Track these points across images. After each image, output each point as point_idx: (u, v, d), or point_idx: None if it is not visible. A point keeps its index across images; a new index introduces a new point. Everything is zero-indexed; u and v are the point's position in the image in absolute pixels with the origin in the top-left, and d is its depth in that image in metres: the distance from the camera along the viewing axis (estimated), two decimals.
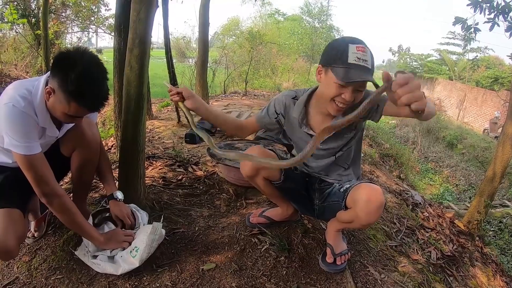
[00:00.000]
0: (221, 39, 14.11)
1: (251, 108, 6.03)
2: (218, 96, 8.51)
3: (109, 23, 12.82)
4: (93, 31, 14.27)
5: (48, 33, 6.89)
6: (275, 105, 1.81)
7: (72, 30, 14.15)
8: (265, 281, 1.72)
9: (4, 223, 1.48)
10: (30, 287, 1.67)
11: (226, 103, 6.82)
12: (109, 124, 4.78)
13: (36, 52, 11.80)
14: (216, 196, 2.54)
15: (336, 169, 1.83)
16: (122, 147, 2.07)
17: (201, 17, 5.92)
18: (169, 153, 3.27)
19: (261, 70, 13.28)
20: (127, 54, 1.93)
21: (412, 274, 1.96)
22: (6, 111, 1.43)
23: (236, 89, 10.14)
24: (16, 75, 10.68)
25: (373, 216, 1.54)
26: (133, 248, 1.73)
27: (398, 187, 3.73)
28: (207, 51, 6.42)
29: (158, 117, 4.86)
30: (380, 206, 1.52)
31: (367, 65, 1.44)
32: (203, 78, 6.18)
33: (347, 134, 1.71)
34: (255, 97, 8.42)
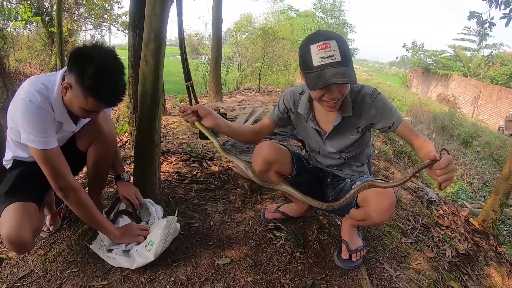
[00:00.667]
0: (234, 35, 14.08)
1: (264, 104, 6.00)
2: (232, 92, 8.51)
3: (122, 21, 12.89)
4: (106, 29, 14.37)
5: (62, 30, 6.95)
6: (284, 101, 1.80)
7: (85, 28, 14.27)
8: (280, 277, 1.72)
9: (19, 216, 1.49)
10: (45, 280, 1.69)
11: (240, 99, 6.80)
12: (123, 120, 4.82)
13: (50, 50, 11.94)
14: (231, 191, 2.54)
15: (349, 166, 1.83)
16: (137, 142, 2.08)
17: (214, 14, 5.93)
18: (183, 149, 3.27)
19: (274, 66, 13.20)
20: (143, 49, 1.94)
21: (427, 272, 1.94)
22: (23, 106, 1.44)
23: (249, 86, 10.13)
24: (30, 73, 10.84)
25: (385, 215, 1.53)
26: (148, 242, 1.74)
27: (413, 184, 3.68)
28: (221, 47, 6.43)
29: (172, 113, 4.87)
30: (391, 205, 1.50)
31: (333, 59, 1.37)
32: (216, 74, 6.19)
33: (352, 136, 1.70)
34: (268, 93, 8.40)
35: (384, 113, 1.59)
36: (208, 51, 10.29)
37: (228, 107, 5.59)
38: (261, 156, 1.72)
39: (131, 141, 3.02)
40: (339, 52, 1.37)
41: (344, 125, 1.65)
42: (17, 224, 1.46)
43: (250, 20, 14.54)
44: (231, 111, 5.16)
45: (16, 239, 1.45)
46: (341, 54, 1.38)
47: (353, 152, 1.77)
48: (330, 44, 1.37)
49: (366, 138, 1.76)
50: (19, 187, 1.62)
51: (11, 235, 1.44)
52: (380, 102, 1.58)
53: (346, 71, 1.38)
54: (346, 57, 1.39)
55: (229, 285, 1.66)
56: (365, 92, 1.60)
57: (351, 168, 1.83)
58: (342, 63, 1.38)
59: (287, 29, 16.62)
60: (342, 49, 1.39)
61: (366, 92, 1.60)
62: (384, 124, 1.60)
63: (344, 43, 1.41)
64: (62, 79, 1.54)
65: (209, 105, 6.05)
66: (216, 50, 6.20)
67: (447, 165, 1.15)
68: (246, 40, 13.39)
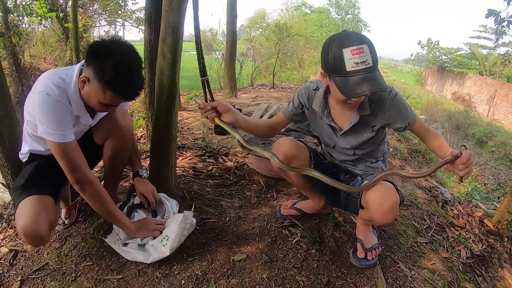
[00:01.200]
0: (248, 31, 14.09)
1: (279, 100, 6.00)
2: (246, 88, 8.51)
3: (136, 17, 13.00)
4: (120, 25, 14.49)
5: (78, 25, 7.03)
6: (299, 97, 1.79)
7: (99, 24, 14.41)
8: (296, 273, 1.72)
9: (36, 209, 1.50)
10: (60, 273, 1.70)
11: (254, 95, 6.81)
12: (137, 115, 4.85)
13: (64, 46, 12.09)
14: (247, 187, 2.54)
15: (363, 161, 1.82)
16: (154, 136, 2.08)
17: (229, 9, 5.94)
18: (198, 144, 3.28)
19: (288, 63, 13.19)
20: (160, 44, 1.94)
21: (442, 272, 1.92)
22: (40, 99, 1.45)
23: (263, 82, 10.10)
24: (45, 68, 10.97)
25: (388, 217, 1.52)
26: (164, 237, 1.75)
27: (428, 184, 3.64)
28: (235, 43, 6.45)
29: (187, 109, 4.89)
30: (392, 207, 1.48)
31: (367, 65, 1.35)
32: (231, 70, 6.22)
33: (367, 134, 1.68)
34: (282, 89, 8.38)
35: (401, 113, 1.58)
36: (222, 47, 10.31)
37: (242, 103, 5.59)
38: (281, 152, 1.71)
39: (146, 135, 3.04)
40: (371, 57, 1.35)
41: (360, 123, 1.64)
42: (34, 216, 1.47)
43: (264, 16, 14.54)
44: (245, 107, 5.17)
45: (32, 231, 1.45)
46: (373, 58, 1.36)
47: (368, 149, 1.75)
48: (364, 48, 1.34)
49: (381, 135, 1.74)
50: (36, 180, 1.63)
51: (27, 228, 1.45)
52: (397, 103, 1.56)
53: (378, 77, 1.37)
54: (376, 61, 1.37)
55: (244, 281, 1.66)
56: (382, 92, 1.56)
57: (365, 163, 1.81)
58: (374, 69, 1.36)
59: (301, 25, 16.57)
60: (373, 52, 1.37)
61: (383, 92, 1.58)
62: (401, 124, 1.60)
63: (373, 46, 1.38)
64: (80, 73, 1.55)
65: (224, 100, 6.07)
66: (230, 46, 6.22)
67: (468, 160, 1.27)
68: (260, 36, 13.38)
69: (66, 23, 11.15)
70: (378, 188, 1.50)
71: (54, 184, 1.71)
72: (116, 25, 14.58)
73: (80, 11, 11.58)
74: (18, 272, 1.73)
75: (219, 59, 10.17)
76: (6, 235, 2.03)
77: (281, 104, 5.33)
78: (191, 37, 3.98)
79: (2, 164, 1.87)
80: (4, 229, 2.10)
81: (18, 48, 10.39)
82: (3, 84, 1.77)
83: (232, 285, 1.63)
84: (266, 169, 2.58)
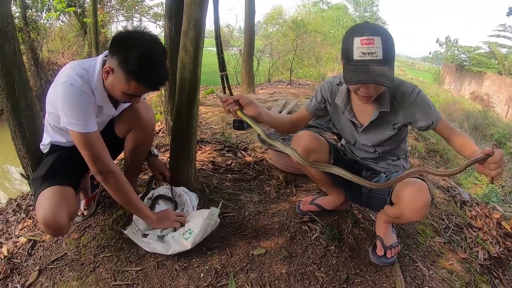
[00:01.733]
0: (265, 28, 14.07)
1: (297, 96, 5.97)
2: (263, 84, 8.50)
3: (153, 12, 13.09)
4: (137, 20, 14.60)
5: (97, 19, 7.11)
6: (322, 92, 1.79)
7: (117, 19, 14.55)
8: (315, 269, 1.72)
9: (56, 199, 1.51)
10: (78, 263, 1.72)
11: (272, 91, 6.80)
12: (155, 109, 4.90)
13: (82, 41, 12.25)
14: (266, 182, 2.54)
15: (384, 159, 1.81)
16: (174, 130, 2.09)
17: (247, 5, 5.95)
18: (217, 138, 3.29)
19: (305, 59, 13.11)
20: (182, 37, 1.94)
21: (459, 273, 1.89)
22: (64, 90, 1.45)
23: (280, 78, 10.08)
24: (63, 63, 11.10)
25: (418, 215, 1.50)
26: (187, 230, 1.75)
27: (446, 183, 3.60)
28: (253, 39, 6.47)
29: (204, 103, 4.92)
30: (424, 205, 1.47)
31: (375, 57, 1.34)
32: (249, 65, 6.24)
33: (388, 131, 1.67)
34: (300, 86, 8.33)
35: (423, 112, 1.55)
36: (240, 43, 10.31)
37: (260, 99, 5.59)
38: (301, 144, 1.71)
39: (165, 129, 3.06)
40: (381, 50, 1.34)
41: (380, 120, 1.63)
42: (54, 207, 1.48)
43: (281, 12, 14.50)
44: (263, 103, 5.17)
45: (52, 222, 1.46)
46: (384, 52, 1.34)
47: (389, 147, 1.74)
48: (375, 40, 1.33)
49: (403, 134, 1.72)
50: (57, 171, 1.64)
51: (47, 218, 1.46)
52: (420, 101, 1.54)
53: (385, 71, 1.35)
54: (389, 56, 1.36)
55: (263, 275, 1.66)
56: (405, 89, 1.56)
57: (386, 161, 1.80)
58: (383, 62, 1.35)
59: (319, 21, 16.45)
60: (386, 47, 1.35)
61: (406, 89, 1.56)
62: (423, 124, 1.57)
63: (390, 40, 1.36)
64: (103, 64, 1.55)
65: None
66: (248, 42, 6.24)
67: (500, 159, 1.20)
68: (277, 33, 13.34)
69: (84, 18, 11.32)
70: (412, 185, 1.49)
71: (75, 175, 1.73)
72: (133, 20, 14.70)
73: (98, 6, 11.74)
74: (36, 262, 1.76)
75: (236, 55, 10.19)
76: (24, 225, 2.08)
77: (299, 100, 5.32)
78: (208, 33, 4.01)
79: (22, 155, 1.89)
80: (22, 219, 2.15)
81: (36, 43, 10.56)
82: (24, 77, 1.79)
83: (251, 280, 1.63)
84: (285, 164, 2.58)
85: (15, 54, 1.72)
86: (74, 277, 1.65)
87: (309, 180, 2.46)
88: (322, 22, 17.06)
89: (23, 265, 1.76)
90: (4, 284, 1.65)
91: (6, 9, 1.66)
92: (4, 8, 1.64)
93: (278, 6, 15.01)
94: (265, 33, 13.61)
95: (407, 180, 1.50)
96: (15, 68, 1.73)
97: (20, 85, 1.76)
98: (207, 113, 4.39)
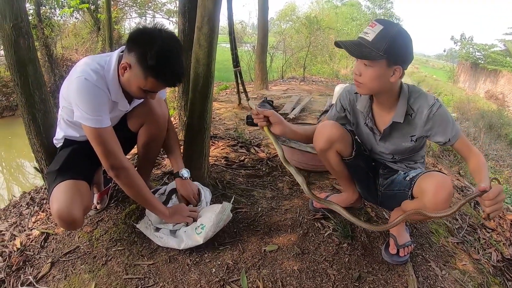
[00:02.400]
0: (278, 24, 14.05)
1: (310, 93, 5.96)
2: (276, 81, 8.51)
3: (167, 9, 13.15)
4: (151, 17, 14.69)
5: (111, 15, 7.16)
6: (341, 101, 1.81)
7: (130, 16, 14.65)
8: (327, 267, 1.71)
9: (70, 193, 1.52)
10: (91, 256, 1.74)
11: (285, 88, 6.81)
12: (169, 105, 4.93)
13: (96, 37, 12.38)
14: (279, 178, 2.54)
15: (401, 163, 1.80)
16: (188, 125, 2.10)
17: (260, 2, 5.96)
18: (230, 134, 3.30)
19: (318, 56, 13.05)
20: (196, 33, 1.95)
21: (472, 274, 1.87)
22: (78, 84, 1.45)
23: (293, 75, 10.07)
24: (77, 59, 11.24)
25: (440, 208, 1.46)
26: (199, 225, 1.76)
27: (460, 183, 3.56)
28: (267, 35, 6.49)
29: (218, 99, 4.94)
30: (449, 196, 1.44)
31: (366, 36, 1.43)
32: (262, 62, 6.27)
33: (405, 143, 1.67)
34: (313, 82, 8.31)
35: (441, 127, 1.54)
36: (253, 40, 10.31)
37: (274, 95, 5.59)
38: (325, 134, 1.73)
39: (179, 125, 3.07)
40: (375, 35, 1.41)
41: (398, 131, 1.64)
42: (68, 200, 1.49)
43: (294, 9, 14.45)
44: (277, 99, 5.17)
45: (66, 215, 1.47)
46: (377, 38, 1.41)
47: (407, 155, 1.74)
48: (376, 27, 1.42)
49: (421, 143, 1.71)
50: (71, 165, 1.65)
51: (61, 212, 1.46)
52: (439, 116, 1.53)
53: (367, 50, 1.42)
54: (380, 43, 1.41)
55: (275, 272, 1.66)
56: (424, 102, 1.55)
57: (404, 164, 1.79)
58: (370, 44, 1.42)
59: (332, 18, 16.39)
60: (383, 37, 1.40)
61: (426, 102, 1.54)
62: (440, 139, 1.56)
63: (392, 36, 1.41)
64: (118, 60, 1.56)
65: (255, 92, 6.08)
66: (262, 38, 6.27)
67: (496, 196, 1.18)
68: (290, 29, 13.30)
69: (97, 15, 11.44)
70: (437, 177, 1.49)
71: (89, 169, 1.74)
72: (146, 17, 14.79)
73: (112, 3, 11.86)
74: (48, 255, 1.78)
75: (249, 51, 10.20)
76: (38, 218, 2.10)
77: (312, 97, 5.30)
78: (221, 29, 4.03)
79: (36, 150, 1.91)
80: (36, 213, 2.17)
81: (50, 40, 10.71)
82: (38, 72, 1.81)
83: (263, 276, 1.63)
84: (299, 161, 2.58)
85: (30, 49, 1.74)
86: (86, 270, 1.67)
87: (322, 177, 2.45)
88: (335, 19, 17.00)
89: (36, 257, 1.78)
90: (17, 275, 1.67)
91: (21, 5, 1.68)
92: (18, 4, 1.66)
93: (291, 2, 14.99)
94: (278, 29, 13.60)
95: (429, 174, 1.54)
96: (29, 63, 1.75)
97: (34, 80, 1.77)
98: (221, 109, 4.41)
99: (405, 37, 1.43)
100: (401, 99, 1.57)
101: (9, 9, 1.63)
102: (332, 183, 2.48)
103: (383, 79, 1.48)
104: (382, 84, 1.50)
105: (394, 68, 1.45)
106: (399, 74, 1.46)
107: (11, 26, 1.65)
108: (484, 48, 23.89)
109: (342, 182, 2.05)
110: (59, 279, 1.64)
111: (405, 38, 1.43)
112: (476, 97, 19.15)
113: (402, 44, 1.43)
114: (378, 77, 1.47)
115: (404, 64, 1.46)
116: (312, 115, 4.55)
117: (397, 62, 1.44)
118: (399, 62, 1.44)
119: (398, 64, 1.44)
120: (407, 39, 1.44)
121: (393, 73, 1.46)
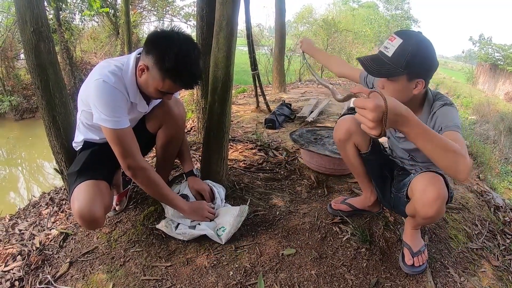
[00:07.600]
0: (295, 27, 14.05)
1: (328, 96, 5.92)
2: (294, 83, 8.47)
3: (185, 12, 13.29)
4: (169, 21, 14.84)
5: (130, 19, 7.27)
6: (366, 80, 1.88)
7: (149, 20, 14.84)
8: (345, 272, 1.70)
9: (91, 193, 1.55)
10: (109, 257, 1.76)
11: (303, 91, 6.79)
12: (187, 108, 4.99)
13: (115, 41, 12.58)
14: (297, 182, 2.54)
15: (417, 163, 1.78)
16: (207, 128, 2.12)
17: (277, 5, 5.97)
18: (249, 137, 3.32)
19: None
20: (214, 36, 1.97)
21: (491, 281, 1.83)
22: (97, 86, 1.48)
23: (311, 77, 10.02)
24: (96, 63, 11.44)
25: (429, 209, 1.42)
26: (220, 227, 1.80)
27: (479, 187, 3.50)
28: (284, 37, 6.48)
29: (236, 102, 4.96)
30: (436, 197, 1.39)
31: (386, 51, 1.42)
32: (280, 64, 6.26)
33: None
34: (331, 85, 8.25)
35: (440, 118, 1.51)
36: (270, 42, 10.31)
37: (292, 98, 5.58)
38: (345, 126, 1.79)
39: (197, 127, 3.10)
40: (394, 49, 1.40)
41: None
42: (89, 200, 1.52)
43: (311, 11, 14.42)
44: (295, 102, 5.16)
45: (88, 215, 1.50)
46: (396, 53, 1.39)
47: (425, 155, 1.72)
48: (396, 40, 1.40)
49: None
50: (91, 166, 1.68)
51: (82, 211, 1.50)
52: (445, 110, 1.51)
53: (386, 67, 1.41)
54: (399, 59, 1.39)
55: (292, 276, 1.66)
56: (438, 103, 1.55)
57: (420, 165, 1.78)
58: (390, 60, 1.41)
59: (349, 20, 16.29)
60: (401, 50, 1.39)
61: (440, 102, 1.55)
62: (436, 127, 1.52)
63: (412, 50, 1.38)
64: (136, 62, 1.59)
65: (273, 95, 6.09)
66: (280, 41, 6.27)
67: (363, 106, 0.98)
68: (308, 32, 13.27)
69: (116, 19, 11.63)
70: (425, 176, 1.46)
71: (108, 170, 1.77)
72: (164, 21, 14.96)
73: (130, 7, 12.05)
74: (67, 254, 1.81)
75: (267, 54, 10.21)
76: (57, 218, 2.14)
77: (330, 100, 5.28)
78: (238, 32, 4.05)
79: (56, 151, 1.94)
80: (55, 213, 2.21)
81: (70, 44, 10.93)
82: (59, 75, 1.84)
83: (281, 280, 1.63)
84: (317, 164, 2.58)
85: (50, 53, 1.78)
86: (104, 270, 1.69)
87: (341, 181, 2.45)
88: (353, 21, 16.88)
89: (54, 256, 1.81)
90: (35, 274, 1.70)
91: (41, 10, 1.72)
92: (39, 9, 1.70)
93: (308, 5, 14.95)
94: (296, 32, 13.57)
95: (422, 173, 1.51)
96: (50, 67, 1.79)
97: (54, 82, 1.81)
98: (239, 111, 4.43)
99: (425, 49, 1.40)
100: (426, 107, 1.56)
101: (29, 15, 1.68)
102: (351, 187, 2.47)
103: (405, 93, 1.47)
104: (405, 97, 1.48)
105: (416, 81, 1.44)
106: (421, 87, 1.45)
107: (31, 31, 1.69)
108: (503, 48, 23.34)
109: (360, 180, 2.04)
110: (77, 279, 1.67)
111: (426, 49, 1.40)
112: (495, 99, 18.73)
113: (423, 57, 1.41)
114: (400, 91, 1.46)
115: (426, 76, 1.45)
116: (330, 118, 4.53)
117: (419, 75, 1.43)
118: (421, 76, 1.43)
119: (420, 77, 1.43)
120: (427, 51, 1.41)
121: (416, 86, 1.45)
